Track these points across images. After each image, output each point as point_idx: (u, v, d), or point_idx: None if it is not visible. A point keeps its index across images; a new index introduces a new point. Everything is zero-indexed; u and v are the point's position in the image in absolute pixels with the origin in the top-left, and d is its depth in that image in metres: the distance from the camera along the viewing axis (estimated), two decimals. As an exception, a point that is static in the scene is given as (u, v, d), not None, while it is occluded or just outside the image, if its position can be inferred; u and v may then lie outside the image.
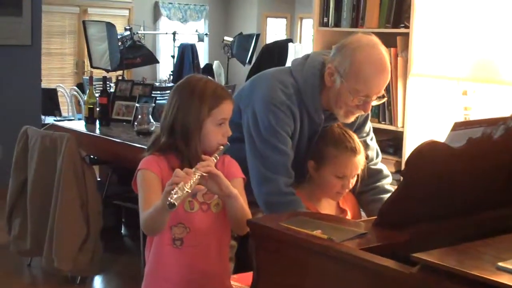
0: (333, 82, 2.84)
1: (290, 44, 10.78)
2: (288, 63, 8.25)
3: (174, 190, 2.27)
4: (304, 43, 12.34)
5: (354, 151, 2.91)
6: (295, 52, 10.46)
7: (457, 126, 2.14)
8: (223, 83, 10.60)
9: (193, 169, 2.38)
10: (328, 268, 2.05)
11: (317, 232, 2.12)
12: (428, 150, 2.09)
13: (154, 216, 2.42)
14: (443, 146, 2.11)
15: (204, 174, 2.39)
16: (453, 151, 2.12)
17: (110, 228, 5.80)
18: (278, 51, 10.48)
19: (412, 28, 4.02)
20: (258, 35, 11.04)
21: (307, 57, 3.00)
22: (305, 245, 2.10)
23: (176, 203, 2.24)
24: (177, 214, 2.52)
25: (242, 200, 2.53)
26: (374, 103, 2.87)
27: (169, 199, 2.25)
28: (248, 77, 9.72)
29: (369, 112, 2.99)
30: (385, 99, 2.90)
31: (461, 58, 3.72)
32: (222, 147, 2.58)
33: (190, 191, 2.30)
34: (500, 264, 1.71)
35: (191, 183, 2.31)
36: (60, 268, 4.75)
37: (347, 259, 1.98)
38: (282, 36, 13.04)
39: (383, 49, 2.81)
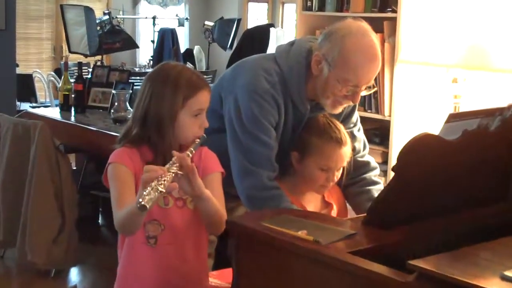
0: (320, 70, 2.70)
1: (271, 29, 10.63)
2: (270, 49, 8.07)
3: (147, 191, 2.12)
4: (286, 28, 12.18)
5: (339, 142, 2.78)
6: (276, 37, 10.32)
7: (452, 118, 2.06)
8: (204, 68, 10.48)
9: (167, 165, 2.23)
10: (314, 273, 1.91)
11: (302, 233, 1.98)
12: (421, 144, 2.01)
13: (128, 217, 2.28)
14: (437, 139, 2.02)
15: (180, 172, 2.23)
16: (447, 144, 2.04)
17: (87, 217, 5.69)
18: (259, 36, 10.32)
19: (399, 13, 3.94)
20: (239, 20, 10.90)
21: (292, 43, 2.87)
22: (289, 247, 1.96)
23: (148, 206, 2.09)
24: (151, 210, 2.35)
25: (214, 201, 2.38)
26: (363, 93, 2.74)
27: (140, 200, 2.10)
28: (230, 62, 9.59)
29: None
30: (375, 89, 2.79)
31: (451, 44, 3.61)
32: (198, 140, 2.43)
33: (164, 191, 2.14)
34: (506, 273, 1.56)
35: (165, 182, 2.15)
36: (33, 261, 4.65)
37: (336, 264, 1.84)
38: (264, 21, 12.88)
39: (373, 37, 2.69)
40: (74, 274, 4.97)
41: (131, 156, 2.44)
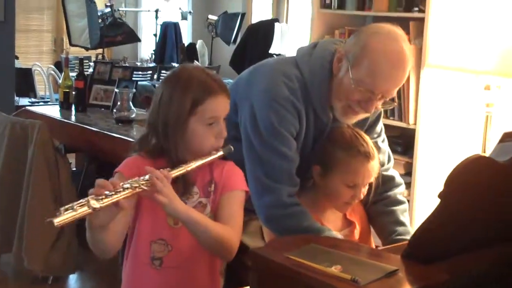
0: (340, 69, 2.47)
1: (276, 24, 10.45)
2: (274, 44, 7.77)
3: (70, 205, 1.95)
4: (291, 24, 12.00)
5: (367, 156, 2.54)
6: (281, 33, 10.13)
7: (507, 137, 1.88)
8: (206, 63, 10.35)
9: (134, 179, 2.04)
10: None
11: (336, 269, 1.72)
12: (472, 168, 1.76)
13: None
14: (490, 162, 1.80)
15: (143, 188, 2.04)
16: (500, 167, 1.80)
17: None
18: (263, 31, 10.17)
19: (428, 12, 3.74)
20: (243, 14, 10.77)
21: (314, 45, 2.62)
22: (321, 287, 1.69)
23: (55, 223, 1.87)
24: (158, 228, 2.21)
25: (211, 226, 2.16)
26: (381, 107, 2.50)
27: (57, 214, 1.90)
28: (233, 57, 9.44)
29: (381, 110, 2.61)
30: (395, 104, 2.53)
31: (484, 48, 3.40)
32: (215, 152, 2.23)
33: (98, 207, 1.96)
34: None
35: (106, 199, 1.98)
36: (30, 268, 4.52)
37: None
38: (268, 15, 12.71)
39: (405, 45, 2.42)
40: (73, 282, 4.86)
41: (142, 168, 2.19)
